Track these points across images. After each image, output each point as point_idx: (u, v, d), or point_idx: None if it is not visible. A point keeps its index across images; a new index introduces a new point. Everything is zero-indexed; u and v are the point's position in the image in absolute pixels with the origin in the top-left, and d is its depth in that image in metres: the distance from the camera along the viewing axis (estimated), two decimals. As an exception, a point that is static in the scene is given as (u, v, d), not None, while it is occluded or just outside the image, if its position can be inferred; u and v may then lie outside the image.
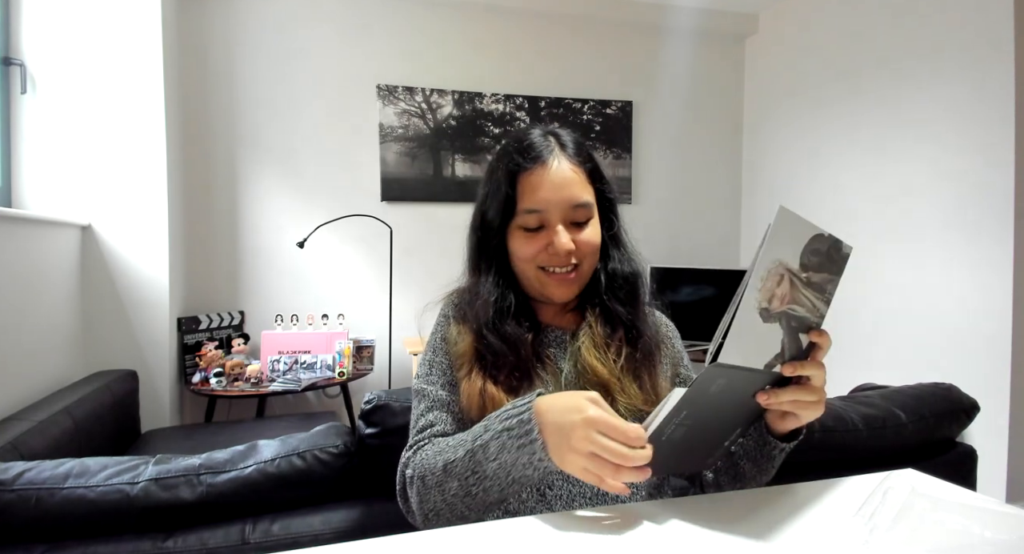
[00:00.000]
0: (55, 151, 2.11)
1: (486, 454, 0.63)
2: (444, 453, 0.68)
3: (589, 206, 0.78)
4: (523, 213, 0.77)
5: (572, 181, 0.77)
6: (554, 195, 0.76)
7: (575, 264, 0.78)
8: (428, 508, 0.69)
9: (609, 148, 3.25)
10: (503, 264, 0.82)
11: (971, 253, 2.15)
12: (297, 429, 1.45)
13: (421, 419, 0.78)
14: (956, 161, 2.20)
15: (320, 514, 1.01)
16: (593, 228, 0.79)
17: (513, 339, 0.77)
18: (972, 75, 2.14)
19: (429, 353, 0.82)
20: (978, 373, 2.09)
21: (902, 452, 1.30)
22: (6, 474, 0.90)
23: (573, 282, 0.79)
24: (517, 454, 0.61)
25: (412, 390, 0.82)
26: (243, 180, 2.77)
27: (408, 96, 2.94)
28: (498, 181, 0.79)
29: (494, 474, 0.63)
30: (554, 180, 0.76)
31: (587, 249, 0.78)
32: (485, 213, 0.81)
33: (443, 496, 0.67)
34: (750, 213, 3.45)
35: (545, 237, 0.77)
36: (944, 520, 0.60)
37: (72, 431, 1.50)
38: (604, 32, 3.23)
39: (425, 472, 0.69)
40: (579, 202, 0.77)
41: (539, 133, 0.81)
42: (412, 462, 0.72)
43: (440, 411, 0.77)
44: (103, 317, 2.20)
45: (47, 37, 2.08)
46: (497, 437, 0.63)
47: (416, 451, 0.74)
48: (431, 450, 0.71)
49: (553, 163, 0.77)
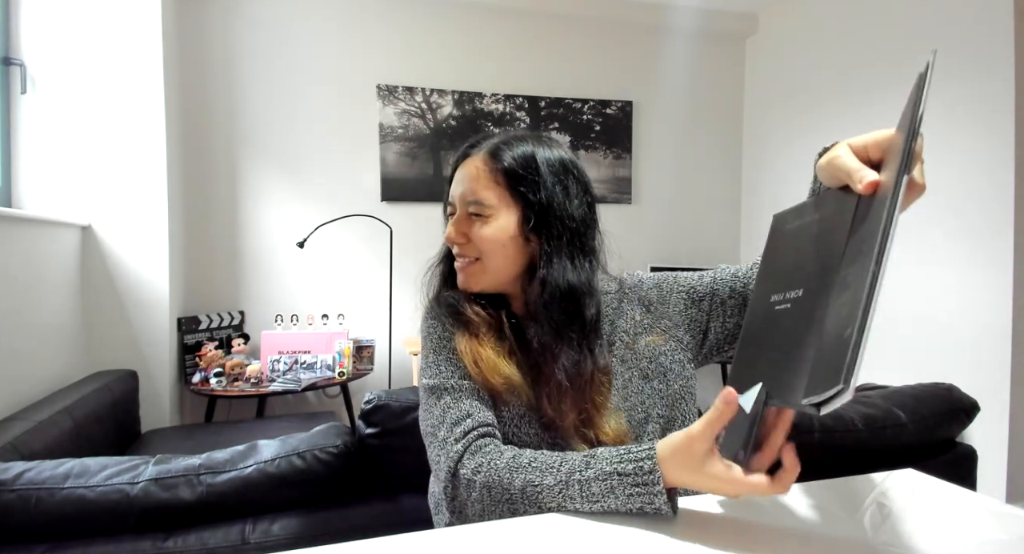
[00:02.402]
0: (55, 151, 2.11)
1: (585, 494, 0.62)
2: (525, 472, 0.66)
3: (483, 204, 0.79)
4: (446, 204, 0.85)
5: (474, 178, 0.80)
6: (456, 189, 0.82)
7: (476, 258, 0.80)
8: (473, 512, 0.68)
9: (609, 148, 3.25)
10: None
11: (971, 253, 2.15)
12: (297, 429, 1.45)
13: (451, 411, 0.74)
14: (956, 161, 2.20)
15: (320, 514, 1.01)
16: (491, 226, 0.78)
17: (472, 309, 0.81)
18: (972, 75, 2.14)
19: (431, 354, 0.81)
20: (978, 373, 2.09)
21: (902, 452, 1.30)
22: (6, 474, 0.90)
23: (472, 273, 0.81)
24: (628, 501, 0.60)
25: (424, 390, 0.79)
26: (243, 180, 2.77)
27: (408, 96, 2.94)
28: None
29: (585, 511, 0.62)
30: (463, 174, 0.81)
31: (482, 245, 0.79)
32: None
33: (501, 511, 0.66)
34: (750, 213, 3.45)
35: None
36: (944, 520, 0.60)
37: (72, 431, 1.50)
38: (604, 32, 3.23)
39: (494, 483, 0.66)
40: (473, 199, 0.79)
41: (495, 135, 0.85)
42: (473, 464, 0.69)
43: (471, 399, 0.75)
44: (103, 317, 2.20)
45: (47, 37, 2.08)
46: (605, 479, 0.61)
47: (475, 452, 0.70)
48: (504, 459, 0.68)
49: (470, 161, 0.81)
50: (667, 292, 0.86)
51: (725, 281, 0.84)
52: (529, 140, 0.82)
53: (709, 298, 0.84)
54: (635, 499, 0.59)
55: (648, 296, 0.86)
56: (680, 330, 0.83)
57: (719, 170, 3.47)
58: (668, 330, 0.83)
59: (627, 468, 0.60)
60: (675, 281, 0.87)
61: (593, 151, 3.22)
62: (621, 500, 0.60)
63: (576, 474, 0.63)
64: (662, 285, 0.87)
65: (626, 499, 0.60)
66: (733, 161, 3.49)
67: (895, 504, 0.63)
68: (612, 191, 3.25)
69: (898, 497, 0.65)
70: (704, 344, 0.84)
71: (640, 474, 0.59)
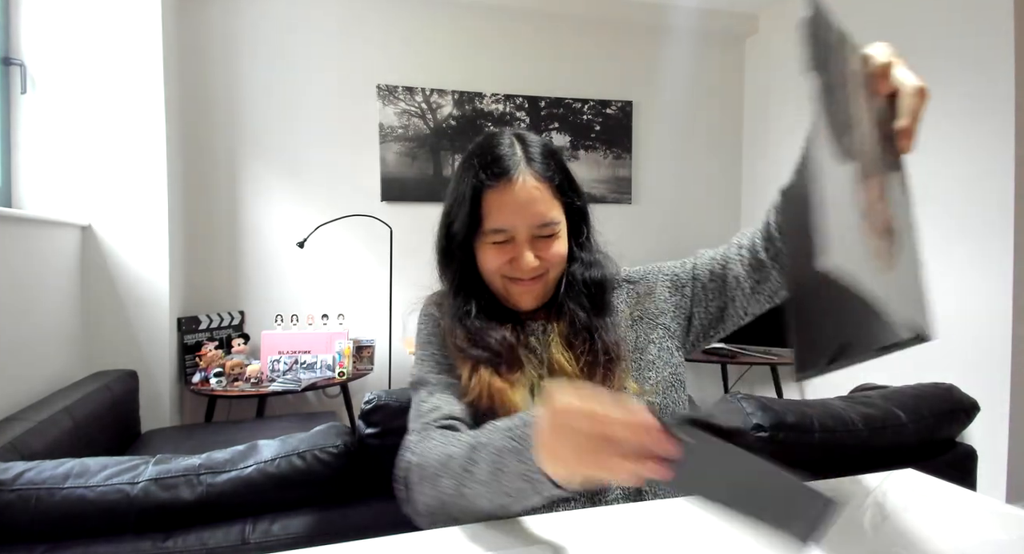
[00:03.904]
0: (55, 151, 2.11)
1: (485, 453, 0.61)
2: (449, 445, 0.67)
3: (555, 223, 0.77)
4: (490, 232, 0.76)
5: (537, 199, 0.75)
6: (519, 216, 0.74)
7: (541, 273, 0.79)
8: (422, 502, 0.68)
9: (609, 148, 3.25)
10: (471, 271, 0.81)
11: (971, 253, 2.15)
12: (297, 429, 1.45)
13: (424, 404, 0.76)
14: (956, 160, 2.20)
15: (320, 514, 1.01)
16: (560, 241, 0.79)
17: (495, 339, 0.78)
18: (972, 75, 2.14)
19: (418, 349, 0.84)
20: (978, 373, 2.09)
21: (902, 452, 1.30)
22: (6, 474, 0.90)
23: (539, 290, 0.80)
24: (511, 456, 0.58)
25: (410, 384, 0.82)
26: (243, 180, 2.77)
27: (408, 96, 2.94)
28: (463, 196, 0.77)
29: (487, 480, 0.60)
30: (519, 199, 0.74)
31: (554, 260, 0.78)
32: (451, 224, 0.80)
33: (436, 491, 0.65)
34: (750, 213, 3.44)
35: (511, 250, 0.76)
36: (944, 520, 0.60)
37: (72, 431, 1.50)
38: (604, 32, 3.23)
39: (424, 460, 0.67)
40: (545, 221, 0.76)
41: (507, 142, 0.78)
42: (416, 448, 0.70)
43: (445, 393, 0.76)
44: (103, 317, 2.20)
45: (47, 37, 2.08)
46: (500, 436, 0.61)
47: (423, 438, 0.71)
48: (438, 440, 0.69)
49: (519, 180, 0.74)
50: (652, 282, 0.88)
51: (705, 265, 0.86)
52: (538, 139, 0.82)
53: (691, 284, 0.85)
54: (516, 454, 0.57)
55: (636, 288, 0.88)
56: (667, 317, 0.85)
57: (719, 170, 3.47)
58: (655, 318, 0.84)
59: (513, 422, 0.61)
60: (658, 271, 0.89)
61: (593, 151, 3.22)
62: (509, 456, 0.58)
63: (481, 437, 0.63)
64: (647, 276, 0.89)
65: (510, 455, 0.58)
66: (733, 161, 3.49)
67: (895, 504, 0.64)
68: (612, 191, 3.25)
69: (898, 497, 0.65)
70: (690, 331, 0.85)
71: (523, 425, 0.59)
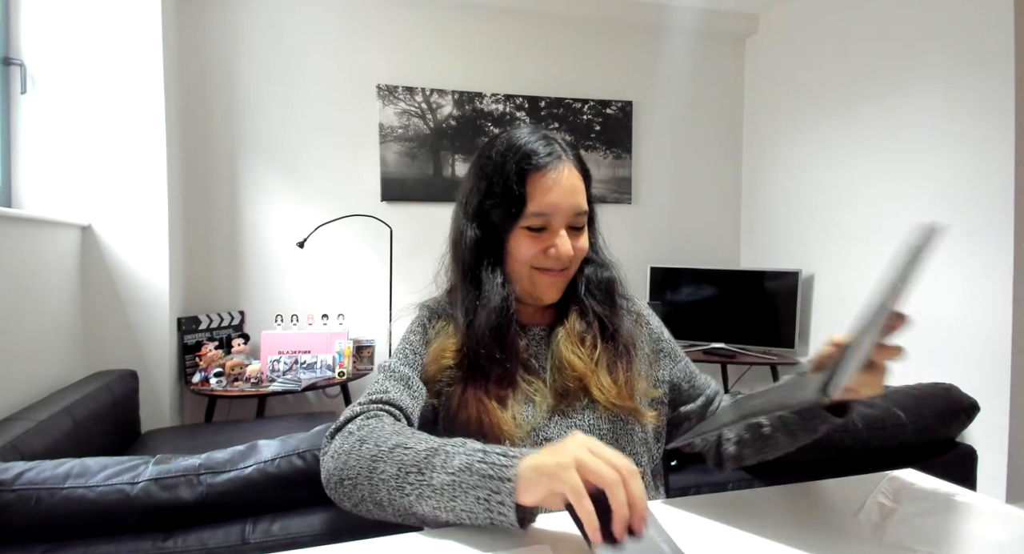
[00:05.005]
0: (55, 151, 2.11)
1: (446, 463, 0.58)
2: (402, 434, 0.64)
3: (587, 214, 0.81)
4: (531, 215, 0.76)
5: (578, 189, 0.78)
6: (563, 200, 0.77)
7: (567, 266, 0.80)
8: (346, 476, 0.64)
9: (609, 148, 3.25)
10: (502, 263, 0.81)
11: (971, 253, 2.15)
12: (297, 429, 1.45)
13: (376, 385, 0.76)
14: (956, 160, 2.20)
15: (320, 514, 1.01)
16: (586, 236, 0.82)
17: (511, 348, 0.78)
18: (972, 75, 2.14)
19: (399, 342, 0.86)
20: (978, 373, 2.09)
21: (902, 452, 1.31)
22: (6, 474, 0.90)
23: (563, 284, 0.82)
24: (481, 483, 0.56)
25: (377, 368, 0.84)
26: (243, 180, 2.77)
27: (408, 96, 2.94)
28: (505, 179, 0.76)
29: (441, 488, 0.58)
30: (564, 185, 0.77)
31: (581, 253, 0.81)
32: (488, 211, 0.79)
33: (370, 474, 0.62)
34: (750, 213, 3.45)
35: (547, 239, 0.77)
36: (944, 520, 0.60)
37: (72, 431, 1.50)
38: (604, 32, 3.23)
39: (369, 438, 0.65)
40: (582, 210, 0.79)
41: (541, 134, 0.80)
42: (362, 422, 0.68)
43: (397, 383, 0.77)
44: (103, 317, 2.20)
45: (47, 37, 2.08)
46: (469, 454, 0.58)
47: (369, 415, 0.69)
48: (389, 424, 0.67)
49: (564, 168, 0.77)
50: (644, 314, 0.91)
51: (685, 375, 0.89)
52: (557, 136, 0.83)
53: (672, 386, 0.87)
54: (489, 483, 0.56)
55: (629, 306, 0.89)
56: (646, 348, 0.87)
57: (719, 170, 3.47)
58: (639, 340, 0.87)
59: (492, 458, 0.57)
60: (651, 313, 0.92)
61: (593, 151, 3.22)
62: (477, 482, 0.56)
63: (447, 446, 0.61)
64: (640, 307, 0.91)
65: (481, 481, 0.56)
66: (733, 161, 3.49)
67: (895, 504, 0.64)
68: (612, 191, 3.25)
69: (898, 497, 0.65)
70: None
71: (497, 467, 0.56)
